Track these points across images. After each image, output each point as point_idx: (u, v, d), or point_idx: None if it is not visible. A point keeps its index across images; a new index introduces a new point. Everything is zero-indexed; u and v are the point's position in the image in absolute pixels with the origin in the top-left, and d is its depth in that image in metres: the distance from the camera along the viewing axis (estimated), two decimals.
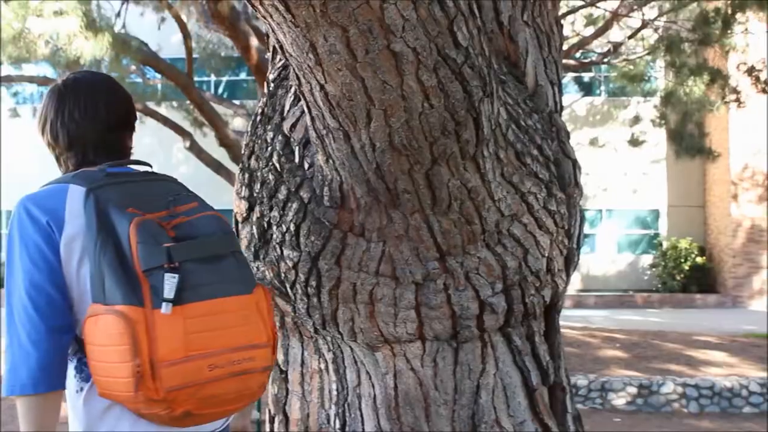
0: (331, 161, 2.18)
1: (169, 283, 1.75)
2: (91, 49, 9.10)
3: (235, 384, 1.81)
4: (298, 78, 2.03)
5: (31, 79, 14.81)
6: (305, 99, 2.07)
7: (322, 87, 1.93)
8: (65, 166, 2.09)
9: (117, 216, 1.83)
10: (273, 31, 1.92)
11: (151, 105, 17.06)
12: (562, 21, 2.87)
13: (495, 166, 2.25)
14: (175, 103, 18.79)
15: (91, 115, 2.03)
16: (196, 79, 16.91)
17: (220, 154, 15.50)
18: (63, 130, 2.03)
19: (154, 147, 22.09)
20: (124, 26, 13.84)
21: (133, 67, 15.97)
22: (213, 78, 22.69)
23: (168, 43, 17.72)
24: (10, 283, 1.91)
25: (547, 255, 2.43)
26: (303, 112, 2.30)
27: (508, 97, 2.47)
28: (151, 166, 2.11)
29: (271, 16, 1.84)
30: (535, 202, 2.39)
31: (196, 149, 15.39)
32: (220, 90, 23.40)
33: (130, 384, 1.73)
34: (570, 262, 2.61)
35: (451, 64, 1.89)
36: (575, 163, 2.66)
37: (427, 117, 1.94)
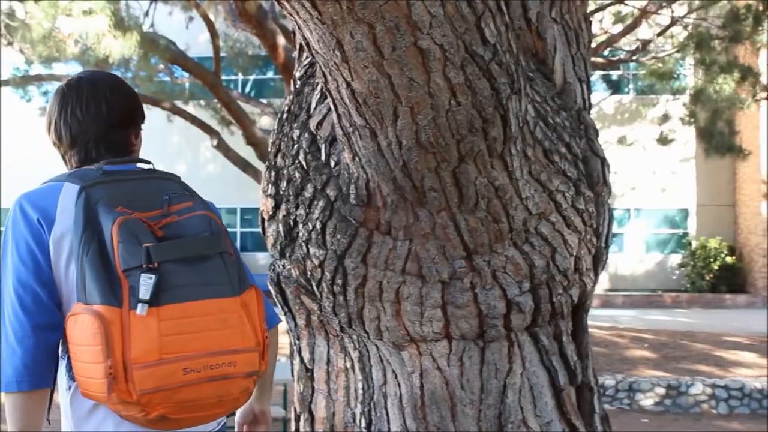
0: (357, 159, 2.17)
1: (145, 283, 1.74)
2: (120, 48, 9.18)
3: (213, 389, 1.79)
4: (324, 75, 2.02)
5: (60, 78, 14.94)
6: (332, 96, 2.06)
7: (348, 84, 1.92)
8: (69, 164, 2.13)
9: (104, 215, 1.82)
10: (299, 28, 1.91)
11: (179, 104, 17.18)
12: (591, 18, 2.84)
13: (522, 163, 2.23)
14: (202, 102, 18.93)
15: (92, 113, 2.05)
16: (223, 77, 17.02)
17: (247, 153, 15.59)
18: (66, 128, 2.06)
19: (182, 146, 22.26)
20: (152, 25, 13.96)
21: (162, 66, 16.10)
22: (240, 77, 22.82)
23: (196, 42, 17.85)
24: (1, 280, 1.93)
25: (575, 254, 2.40)
26: (329, 109, 2.29)
27: (536, 95, 2.45)
28: (151, 164, 2.12)
29: (297, 13, 1.83)
30: (563, 200, 2.37)
31: (223, 148, 15.48)
32: (248, 88, 23.53)
33: (103, 385, 1.73)
34: (598, 261, 2.58)
35: (479, 61, 1.88)
36: (604, 161, 2.63)
37: (454, 114, 1.93)
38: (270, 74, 23.05)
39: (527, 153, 2.26)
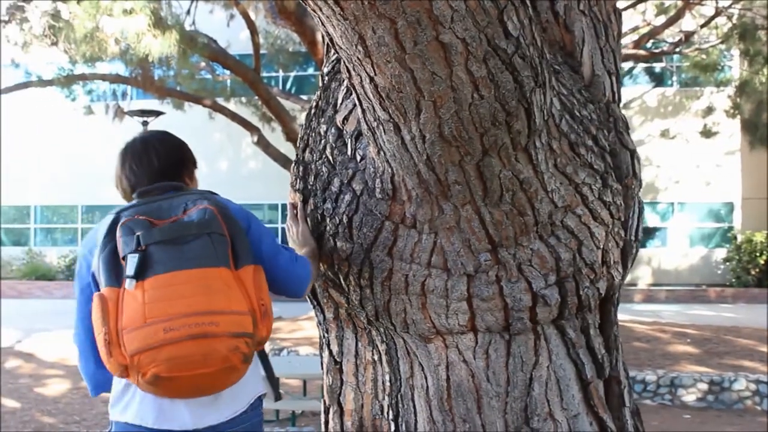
0: (382, 153, 2.19)
1: (131, 262, 2.05)
2: (159, 47, 9.29)
3: (195, 346, 1.97)
4: (348, 71, 2.04)
5: (103, 77, 15.16)
6: (356, 91, 2.09)
7: (371, 79, 1.94)
8: None
9: (121, 221, 2.15)
10: (323, 24, 1.93)
11: (221, 101, 17.32)
12: (632, 10, 2.83)
13: (548, 156, 2.23)
14: (243, 99, 19.05)
15: (144, 165, 2.38)
16: (264, 74, 17.13)
17: (288, 149, 15.65)
18: (126, 181, 2.40)
19: (224, 142, 22.46)
20: (193, 23, 14.09)
21: (203, 64, 16.24)
22: (281, 73, 22.93)
23: (237, 40, 17.97)
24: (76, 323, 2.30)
25: (602, 247, 2.40)
26: (355, 104, 2.31)
27: (562, 88, 2.45)
28: (184, 187, 2.39)
29: (320, 10, 1.86)
30: (589, 193, 2.36)
31: (263, 144, 15.56)
32: (288, 85, 23.64)
33: (105, 352, 2.02)
34: (627, 254, 2.57)
35: (501, 54, 1.88)
36: (634, 154, 2.62)
37: (477, 108, 1.93)
38: (310, 71, 23.14)
39: (552, 146, 2.26)
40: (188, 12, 14.06)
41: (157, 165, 2.37)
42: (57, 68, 16.11)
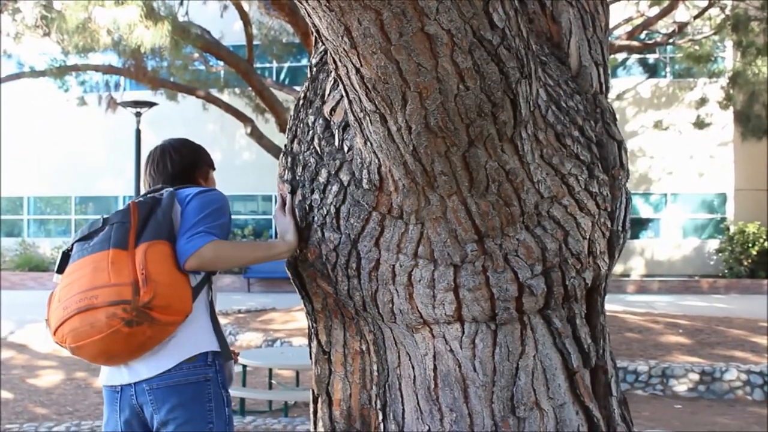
0: (368, 144, 2.19)
1: (57, 259, 2.60)
2: (151, 38, 9.27)
3: (82, 318, 2.38)
4: (334, 62, 2.05)
5: (96, 68, 15.12)
6: (342, 82, 2.09)
7: (357, 70, 1.95)
8: None
9: None
10: (309, 15, 1.94)
11: (214, 92, 17.29)
12: (626, 1, 2.83)
13: (534, 147, 2.24)
14: (237, 90, 19.02)
15: (160, 170, 2.81)
16: (257, 65, 17.11)
17: (281, 140, 15.63)
18: (146, 185, 2.82)
19: (217, 134, 22.44)
20: (186, 14, 14.05)
21: (196, 55, 16.20)
22: (274, 64, 22.92)
23: (230, 31, 17.94)
24: None
25: (588, 237, 2.41)
26: (342, 95, 2.32)
27: (548, 78, 2.45)
28: (170, 189, 2.68)
29: (306, 1, 1.86)
30: (575, 183, 2.37)
31: (256, 135, 15.55)
32: (281, 76, 23.62)
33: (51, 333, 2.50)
34: (614, 245, 2.58)
35: (487, 45, 1.89)
36: (621, 145, 2.63)
37: (462, 99, 1.94)
38: (303, 62, 23.12)
39: (539, 137, 2.27)
40: (181, 2, 14.01)
41: (171, 170, 2.80)
42: (50, 59, 16.07)
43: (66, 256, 2.59)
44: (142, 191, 2.80)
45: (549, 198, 2.32)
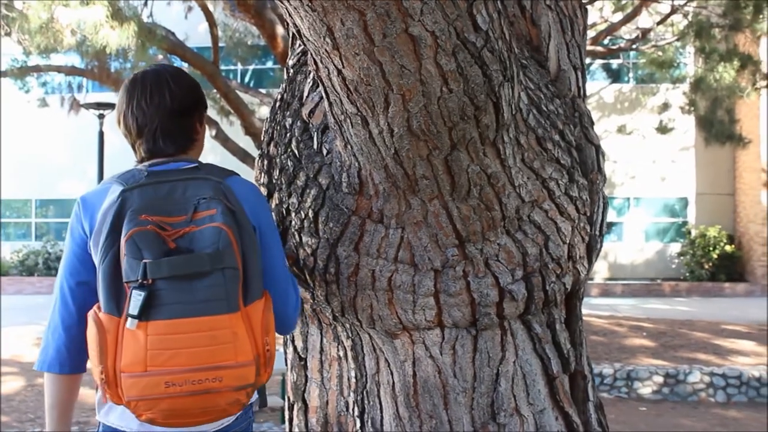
0: (349, 147, 2.16)
1: (135, 299, 1.83)
2: (117, 39, 9.14)
3: (195, 402, 1.86)
4: (315, 63, 2.01)
5: (59, 69, 14.89)
6: (323, 84, 2.06)
7: (339, 72, 1.92)
8: (138, 153, 2.20)
9: (127, 224, 1.91)
10: (290, 15, 1.90)
11: None
12: (590, 6, 2.84)
13: (515, 151, 2.22)
14: None
15: (156, 103, 2.14)
16: (222, 67, 16.95)
17: (246, 143, 15.53)
18: (133, 120, 2.15)
19: None
20: (150, 15, 13.89)
21: (161, 57, 16.04)
22: (239, 66, 22.75)
23: (195, 32, 17.80)
24: (60, 269, 2.11)
25: (568, 242, 2.40)
26: (321, 97, 2.28)
27: (529, 82, 2.44)
28: (196, 163, 2.17)
29: (288, 0, 1.82)
30: (556, 188, 2.36)
31: (221, 138, 15.41)
32: (247, 78, 23.46)
33: (101, 388, 1.90)
34: (592, 249, 2.57)
35: (471, 48, 1.86)
36: (598, 149, 2.62)
37: (445, 101, 1.92)
38: (269, 64, 22.98)
39: (520, 140, 2.25)
40: (145, 3, 13.86)
41: (170, 104, 2.15)
42: (10, 59, 15.78)
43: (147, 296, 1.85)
44: (124, 126, 2.18)
45: (530, 202, 2.30)
